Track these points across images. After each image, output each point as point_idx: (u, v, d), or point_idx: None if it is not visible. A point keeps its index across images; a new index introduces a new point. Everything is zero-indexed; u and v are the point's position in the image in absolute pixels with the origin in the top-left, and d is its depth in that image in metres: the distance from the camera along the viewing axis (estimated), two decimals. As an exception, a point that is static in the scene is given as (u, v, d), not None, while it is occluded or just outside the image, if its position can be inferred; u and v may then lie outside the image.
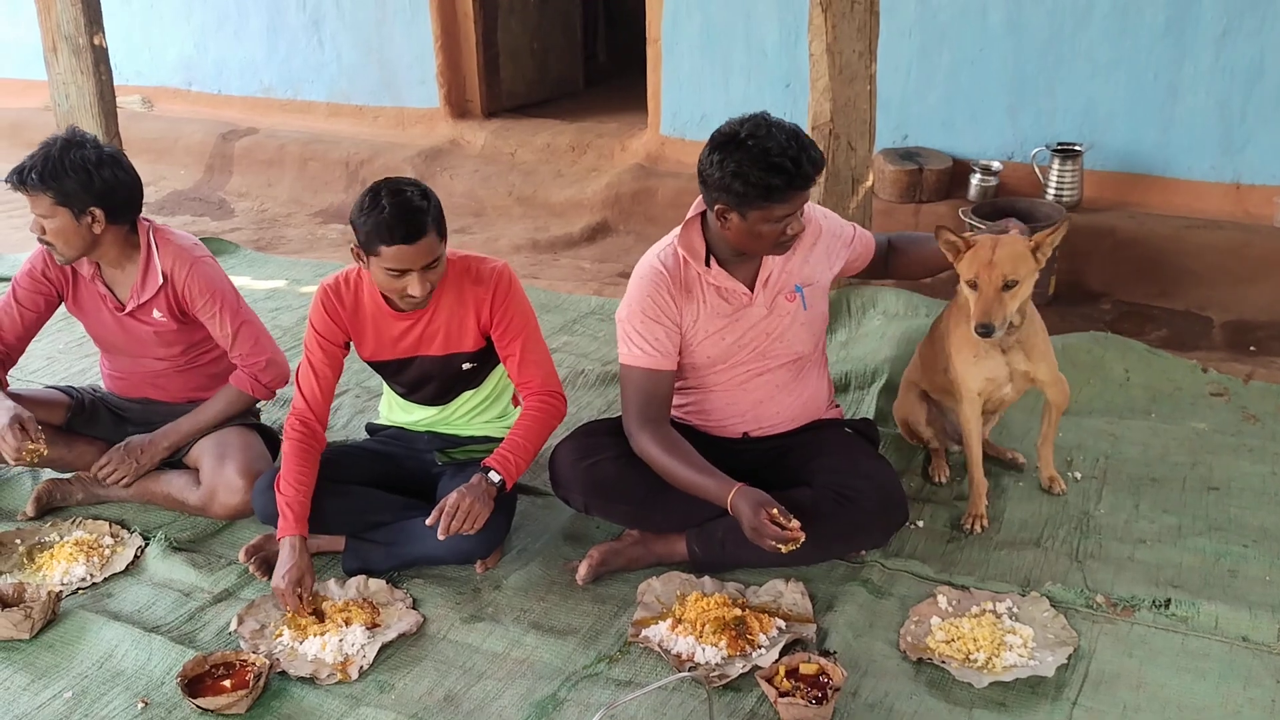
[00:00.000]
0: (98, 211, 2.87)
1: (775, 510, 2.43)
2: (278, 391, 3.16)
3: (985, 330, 2.64)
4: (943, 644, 2.43)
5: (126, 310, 3.05)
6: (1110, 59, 4.86)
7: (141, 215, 3.03)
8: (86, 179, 2.83)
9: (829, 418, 2.92)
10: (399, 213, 2.48)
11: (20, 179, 2.84)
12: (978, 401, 2.89)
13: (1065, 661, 2.36)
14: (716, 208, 2.53)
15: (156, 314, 3.05)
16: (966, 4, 5.08)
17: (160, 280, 3.00)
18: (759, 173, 2.41)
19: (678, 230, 2.69)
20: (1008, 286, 2.63)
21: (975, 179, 5.02)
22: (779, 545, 2.41)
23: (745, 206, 2.47)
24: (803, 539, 2.42)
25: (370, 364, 2.87)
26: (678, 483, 2.61)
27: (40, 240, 2.94)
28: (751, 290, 2.67)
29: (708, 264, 2.64)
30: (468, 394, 2.90)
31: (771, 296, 2.69)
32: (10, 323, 3.08)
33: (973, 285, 2.67)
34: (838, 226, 2.83)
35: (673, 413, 2.81)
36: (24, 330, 3.11)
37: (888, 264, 2.98)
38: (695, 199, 2.63)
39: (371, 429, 3.10)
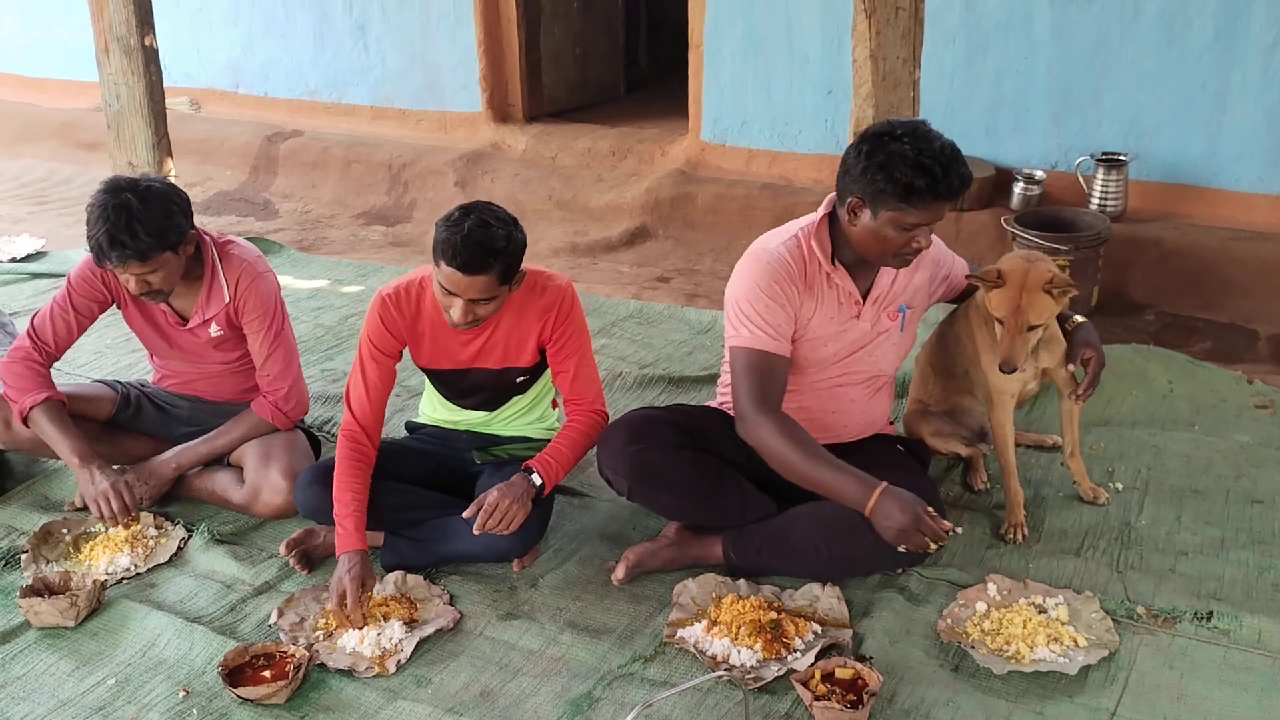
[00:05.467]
0: (191, 233, 2.88)
1: (929, 510, 2.41)
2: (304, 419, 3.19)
3: (1009, 369, 2.66)
4: (986, 635, 2.43)
5: (189, 326, 3.05)
6: (1157, 68, 4.82)
7: (198, 225, 2.98)
8: (173, 209, 2.80)
9: (884, 433, 2.91)
10: (470, 241, 2.47)
11: (134, 253, 2.70)
12: (1010, 403, 2.86)
13: (1094, 663, 2.35)
14: (850, 201, 2.46)
15: (214, 329, 3.05)
16: (1011, 11, 5.05)
17: (226, 299, 3.00)
18: (904, 170, 2.34)
19: (797, 223, 2.63)
20: (1031, 327, 2.65)
21: (1018, 188, 4.98)
22: (930, 543, 2.41)
23: (879, 204, 2.40)
24: (956, 534, 2.46)
25: (424, 370, 2.89)
26: (800, 477, 2.51)
27: (144, 296, 2.86)
28: (864, 301, 2.63)
29: (833, 263, 2.58)
30: (515, 399, 2.92)
31: (878, 312, 2.66)
32: (64, 328, 3.04)
33: (1000, 321, 2.66)
34: (947, 256, 2.82)
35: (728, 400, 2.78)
36: (76, 335, 3.08)
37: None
38: (739, 204, 2.60)
39: (411, 427, 3.12)
